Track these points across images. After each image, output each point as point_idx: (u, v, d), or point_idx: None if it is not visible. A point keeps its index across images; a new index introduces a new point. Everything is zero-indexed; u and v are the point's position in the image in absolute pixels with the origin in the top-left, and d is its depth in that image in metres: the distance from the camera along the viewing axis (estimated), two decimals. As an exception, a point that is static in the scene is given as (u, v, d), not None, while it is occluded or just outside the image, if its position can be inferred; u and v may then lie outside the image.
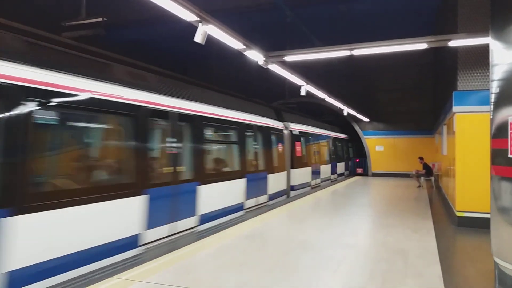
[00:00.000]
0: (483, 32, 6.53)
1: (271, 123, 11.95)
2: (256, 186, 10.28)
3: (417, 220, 8.36)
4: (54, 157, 5.16)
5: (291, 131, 13.53)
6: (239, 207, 9.20)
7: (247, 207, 9.63)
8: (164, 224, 6.46)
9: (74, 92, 4.86)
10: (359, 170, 24.00)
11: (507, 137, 4.10)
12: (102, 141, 6.11)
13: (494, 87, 4.39)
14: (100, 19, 6.13)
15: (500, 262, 4.25)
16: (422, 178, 16.38)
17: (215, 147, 9.41)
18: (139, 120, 6.03)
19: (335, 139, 21.10)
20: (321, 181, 17.13)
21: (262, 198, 10.74)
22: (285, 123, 13.41)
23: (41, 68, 4.52)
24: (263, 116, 11.53)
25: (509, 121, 4.08)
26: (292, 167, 13.25)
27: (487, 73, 7.56)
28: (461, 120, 8.02)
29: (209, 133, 8.68)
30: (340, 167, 21.60)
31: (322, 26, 15.15)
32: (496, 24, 4.44)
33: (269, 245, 6.20)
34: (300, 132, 14.59)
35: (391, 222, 8.14)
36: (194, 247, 5.96)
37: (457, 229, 7.77)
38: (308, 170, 15.07)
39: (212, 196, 7.95)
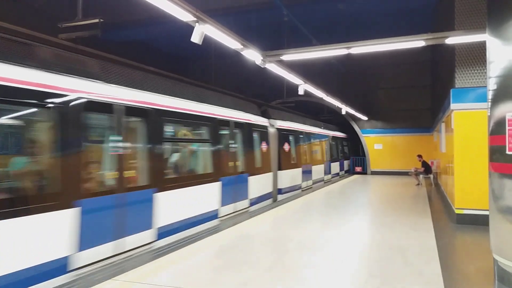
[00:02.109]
0: (480, 29, 6.53)
1: (254, 120, 10.82)
2: (234, 190, 9.14)
3: (416, 218, 8.37)
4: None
5: (278, 129, 12.55)
6: (211, 216, 8.10)
7: (223, 214, 8.53)
8: (105, 242, 5.32)
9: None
10: (358, 169, 24.00)
11: (504, 134, 4.11)
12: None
13: (492, 84, 4.39)
14: (97, 20, 6.11)
15: (499, 259, 4.25)
16: (421, 176, 16.39)
17: (179, 146, 8.14)
18: (69, 113, 4.87)
19: (329, 137, 20.26)
20: (314, 183, 16.09)
21: (242, 204, 9.59)
22: (271, 120, 12.40)
23: None
24: (245, 111, 10.41)
25: (507, 117, 4.08)
26: (280, 168, 12.24)
27: (485, 70, 7.56)
28: (459, 117, 8.02)
29: (170, 130, 7.56)
30: (335, 167, 20.74)
31: (320, 25, 15.15)
32: (493, 21, 4.44)
33: (265, 246, 6.20)
34: (288, 130, 13.59)
35: (390, 220, 8.14)
36: (193, 248, 5.96)
37: (456, 226, 7.78)
38: (298, 171, 14.06)
39: (175, 204, 6.90)
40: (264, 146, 11.21)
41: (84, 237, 4.92)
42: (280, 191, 12.18)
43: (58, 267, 4.58)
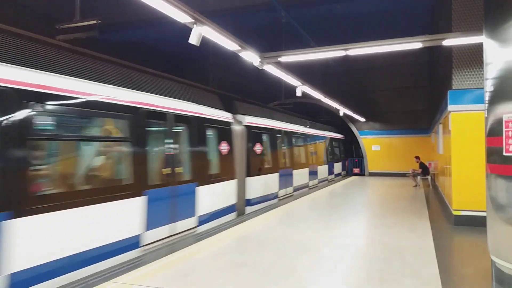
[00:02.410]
0: (477, 31, 6.56)
1: (208, 114, 8.49)
2: (170, 206, 6.83)
3: (414, 219, 8.38)
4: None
5: (247, 126, 10.43)
6: (127, 245, 5.75)
7: (148, 242, 6.17)
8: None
9: None
10: (356, 170, 24.03)
11: (501, 135, 4.12)
12: None
13: (488, 86, 4.41)
14: (95, 21, 6.09)
15: (497, 260, 4.25)
16: (419, 177, 16.43)
17: (64, 147, 5.60)
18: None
19: (317, 137, 18.37)
20: (295, 190, 14.11)
21: (184, 224, 7.18)
22: (239, 116, 10.31)
23: None
24: (197, 103, 8.19)
25: (504, 119, 4.09)
26: (249, 174, 10.19)
27: (482, 72, 7.59)
28: (456, 118, 8.05)
29: (47, 121, 5.12)
30: (324, 170, 18.85)
31: (317, 26, 15.17)
32: (490, 22, 4.46)
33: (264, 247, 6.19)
34: (262, 128, 11.47)
35: (387, 222, 8.15)
36: (192, 249, 5.95)
37: (453, 227, 7.79)
38: (274, 177, 11.98)
39: (53, 234, 4.58)
40: (224, 147, 9.01)
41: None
42: (249, 202, 10.14)
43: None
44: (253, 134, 10.75)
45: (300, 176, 14.82)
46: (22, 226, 4.22)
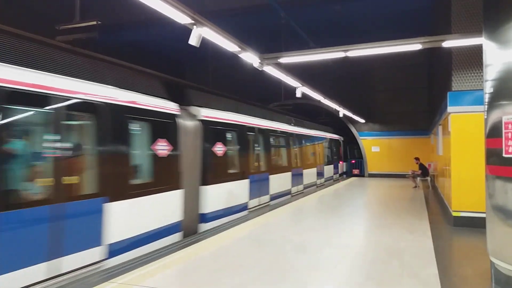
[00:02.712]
0: (476, 32, 6.56)
1: (134, 102, 6.24)
2: (45, 235, 4.58)
3: (413, 220, 8.38)
4: None
5: (204, 121, 8.34)
6: None
7: None
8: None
9: None
10: (356, 171, 24.04)
11: (501, 137, 4.12)
12: None
13: (488, 87, 4.41)
14: (95, 22, 6.10)
15: (496, 262, 4.26)
16: (418, 178, 16.43)
17: None
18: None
19: (305, 137, 16.27)
20: (273, 198, 11.87)
21: (77, 259, 4.94)
22: (193, 107, 8.30)
23: None
24: (119, 87, 6.05)
25: (503, 120, 4.10)
26: (206, 182, 8.10)
27: (481, 73, 7.59)
28: (456, 120, 8.05)
29: None
30: (311, 174, 16.63)
31: (317, 27, 15.19)
32: (489, 24, 4.46)
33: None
34: (225, 124, 9.33)
35: (387, 223, 8.15)
36: (191, 250, 5.94)
37: (453, 229, 7.79)
38: (242, 184, 9.82)
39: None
40: (162, 147, 6.85)
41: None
42: (204, 218, 7.99)
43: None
44: (213, 131, 8.65)
45: (279, 181, 12.54)
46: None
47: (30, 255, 4.42)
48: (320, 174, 18.20)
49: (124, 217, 5.81)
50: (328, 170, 20.13)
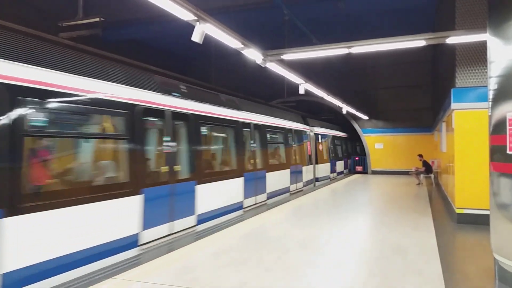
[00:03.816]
0: (480, 28, 6.53)
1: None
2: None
3: (416, 218, 8.36)
4: None
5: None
6: None
7: None
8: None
9: None
10: (359, 168, 24.02)
11: (505, 134, 4.10)
12: None
13: (492, 84, 4.39)
14: (98, 19, 6.11)
15: (500, 259, 4.25)
16: (422, 175, 16.39)
17: None
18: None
19: (268, 129, 11.99)
20: (202, 221, 7.76)
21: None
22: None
23: None
24: None
25: (508, 117, 4.08)
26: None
27: (485, 70, 7.56)
28: (459, 117, 8.02)
29: None
30: (282, 178, 12.72)
31: (320, 24, 15.14)
32: (494, 20, 4.44)
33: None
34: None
35: (390, 220, 8.14)
36: (194, 247, 5.96)
37: (456, 226, 7.78)
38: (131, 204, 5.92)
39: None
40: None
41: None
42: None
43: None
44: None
45: (222, 191, 8.88)
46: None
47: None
48: (295, 178, 13.96)
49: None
50: (307, 172, 15.76)
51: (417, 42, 7.23)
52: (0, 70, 4.26)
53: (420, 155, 16.92)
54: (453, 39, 7.11)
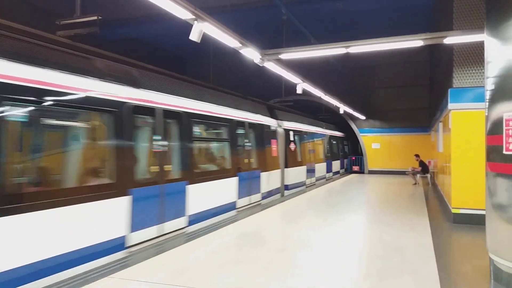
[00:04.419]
0: (478, 29, 6.55)
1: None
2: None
3: (413, 217, 8.39)
4: None
5: None
6: None
7: None
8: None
9: None
10: (356, 168, 24.06)
11: (502, 134, 4.12)
12: None
13: (489, 84, 4.41)
14: (95, 17, 6.08)
15: (495, 259, 4.27)
16: (418, 175, 16.44)
17: None
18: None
19: (218, 123, 9.25)
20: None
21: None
22: None
23: None
24: None
25: (504, 117, 4.10)
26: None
27: (483, 70, 7.58)
28: (456, 117, 8.04)
29: None
30: (224, 189, 9.09)
31: (318, 24, 15.15)
32: (491, 21, 4.45)
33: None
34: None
35: (387, 219, 8.16)
36: (190, 246, 5.96)
37: (452, 225, 7.80)
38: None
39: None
40: None
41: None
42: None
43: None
44: None
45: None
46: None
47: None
48: (249, 189, 10.41)
49: None
50: (272, 179, 12.38)
51: (414, 42, 7.25)
52: None
53: (417, 155, 16.98)
54: (451, 40, 7.12)
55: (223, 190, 9.00)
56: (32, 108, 4.72)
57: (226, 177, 9.12)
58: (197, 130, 8.44)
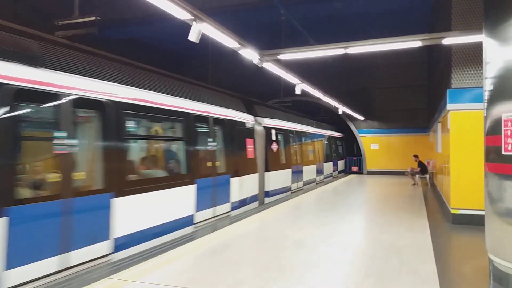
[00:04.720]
0: (476, 30, 6.56)
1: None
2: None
3: (412, 218, 8.39)
4: None
5: None
6: None
7: None
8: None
9: None
10: (355, 169, 24.07)
11: (500, 134, 4.12)
12: None
13: (488, 85, 4.41)
14: (94, 18, 6.07)
15: (494, 259, 4.27)
16: (417, 176, 16.45)
17: None
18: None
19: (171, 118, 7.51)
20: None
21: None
22: None
23: None
24: None
25: (503, 118, 4.10)
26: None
27: (481, 71, 7.59)
28: (455, 117, 8.05)
29: None
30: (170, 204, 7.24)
31: (317, 24, 15.17)
32: (489, 21, 4.46)
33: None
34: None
35: (385, 220, 8.16)
36: (190, 247, 5.95)
37: (451, 226, 7.81)
38: None
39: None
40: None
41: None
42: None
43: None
44: None
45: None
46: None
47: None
48: (207, 201, 8.58)
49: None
50: (242, 187, 10.37)
51: (413, 42, 7.26)
52: None
53: (416, 156, 16.99)
54: (449, 40, 7.14)
55: (173, 201, 7.05)
56: None
57: (177, 185, 7.18)
58: (132, 125, 6.44)
